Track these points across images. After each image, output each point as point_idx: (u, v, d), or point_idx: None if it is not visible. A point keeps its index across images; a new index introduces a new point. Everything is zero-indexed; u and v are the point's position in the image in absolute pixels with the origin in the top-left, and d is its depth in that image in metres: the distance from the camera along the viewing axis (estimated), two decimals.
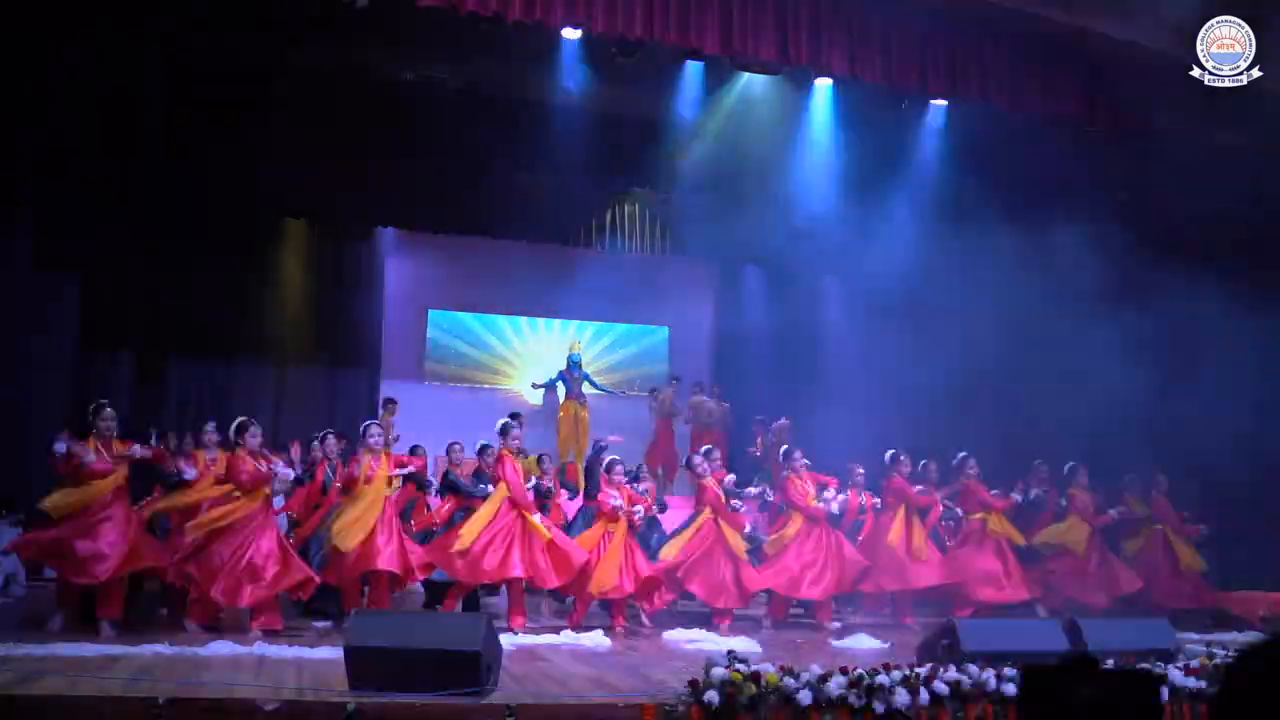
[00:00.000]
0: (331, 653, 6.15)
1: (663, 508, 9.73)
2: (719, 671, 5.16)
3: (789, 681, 5.21)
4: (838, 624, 8.97)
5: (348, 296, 13.56)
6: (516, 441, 8.37)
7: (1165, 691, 5.58)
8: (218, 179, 11.53)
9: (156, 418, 10.07)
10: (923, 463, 9.86)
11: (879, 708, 5.26)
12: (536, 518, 8.14)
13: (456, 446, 9.87)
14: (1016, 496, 9.90)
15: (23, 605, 8.79)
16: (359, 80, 11.35)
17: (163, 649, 6.41)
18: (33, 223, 11.04)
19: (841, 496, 9.27)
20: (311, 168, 11.80)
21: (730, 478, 9.31)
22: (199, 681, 5.43)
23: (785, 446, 10.08)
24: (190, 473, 7.82)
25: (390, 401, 12.04)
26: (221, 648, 6.52)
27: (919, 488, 9.64)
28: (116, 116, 10.57)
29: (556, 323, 14.82)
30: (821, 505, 9.04)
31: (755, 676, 5.16)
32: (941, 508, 9.84)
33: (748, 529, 9.32)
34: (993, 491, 9.84)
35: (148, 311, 11.81)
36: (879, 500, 9.54)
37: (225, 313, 12.20)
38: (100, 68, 10.16)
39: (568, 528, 9.14)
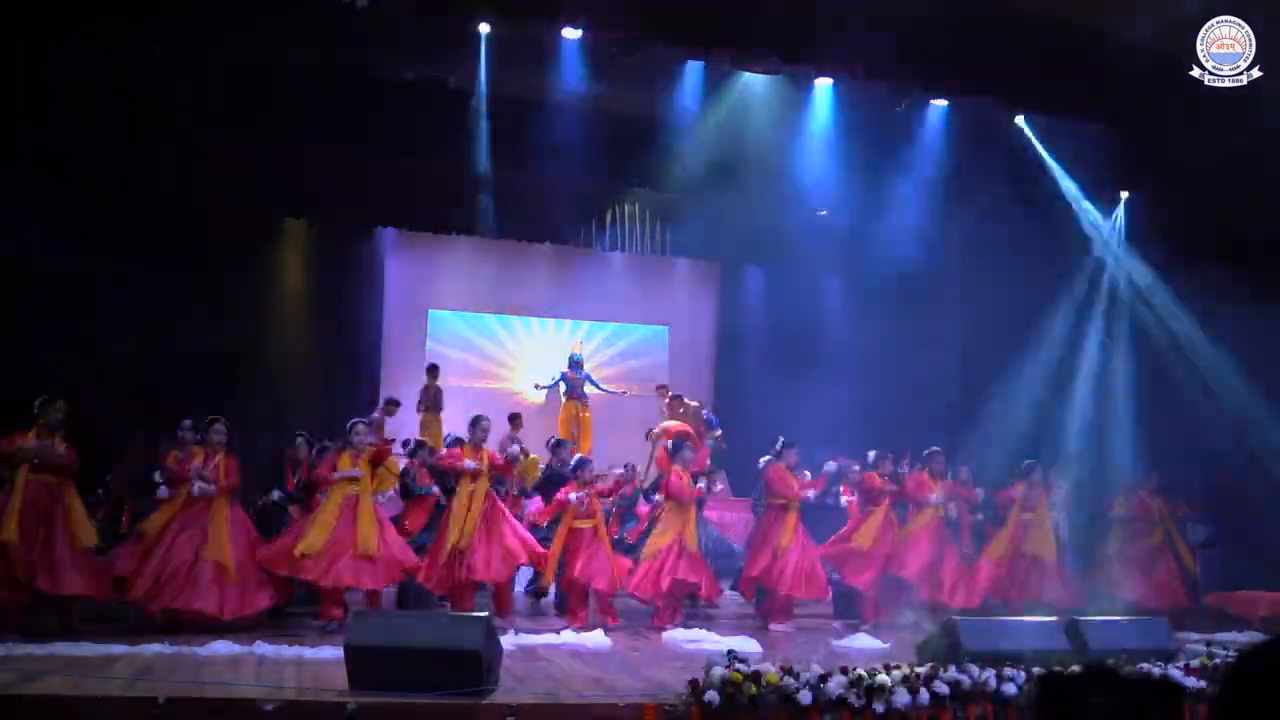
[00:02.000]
0: (331, 653, 6.15)
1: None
2: (719, 671, 5.16)
3: (789, 681, 5.21)
4: (838, 624, 8.99)
5: (348, 296, 13.55)
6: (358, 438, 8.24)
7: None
8: (218, 178, 11.52)
9: (155, 419, 10.05)
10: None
11: (878, 708, 5.27)
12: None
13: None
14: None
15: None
16: (359, 80, 11.35)
17: (163, 649, 6.42)
18: (34, 222, 11.02)
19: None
20: (311, 168, 11.80)
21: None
22: (199, 681, 5.43)
23: None
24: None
25: (392, 403, 12.07)
26: (221, 648, 6.51)
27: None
28: (116, 116, 10.56)
29: (556, 323, 14.81)
30: None
31: (755, 676, 5.16)
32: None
33: None
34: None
35: (148, 311, 11.78)
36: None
37: (225, 312, 12.19)
38: (100, 68, 10.16)
39: None
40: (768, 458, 9.35)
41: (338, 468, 7.91)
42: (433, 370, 12.85)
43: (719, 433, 12.63)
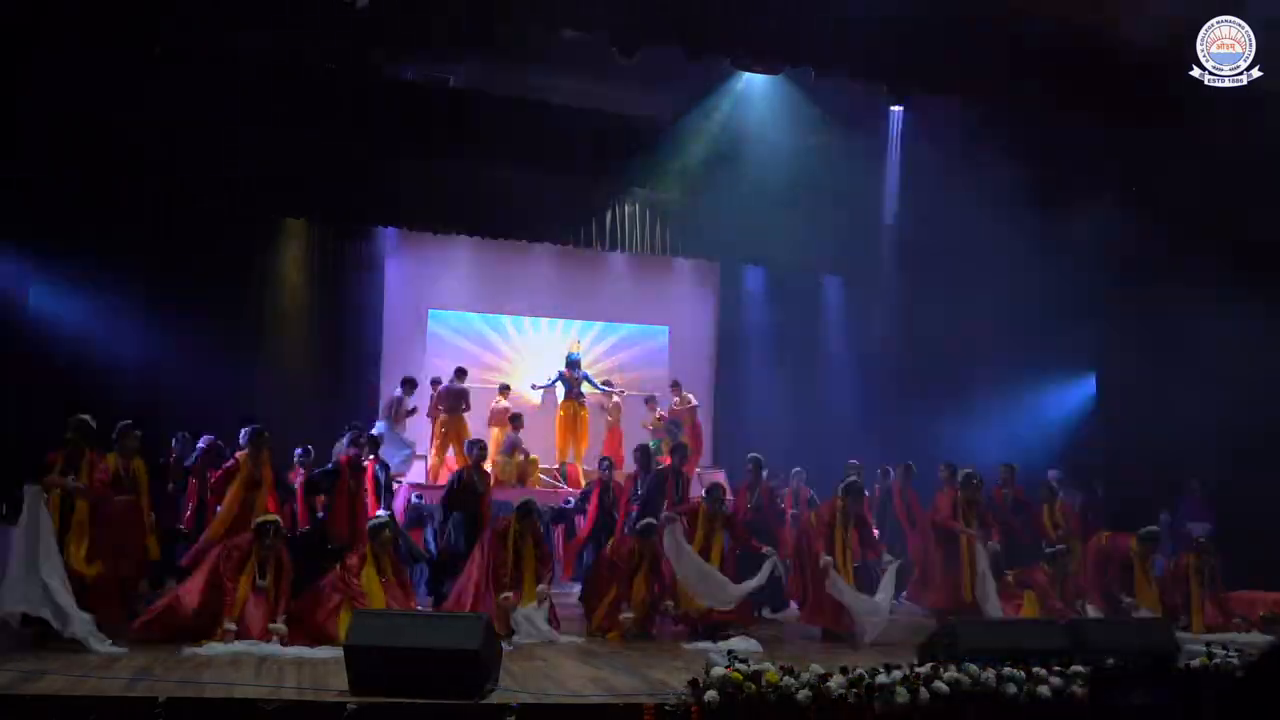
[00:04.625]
0: (331, 653, 6.15)
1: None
2: (719, 671, 5.16)
3: (789, 681, 5.21)
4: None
5: (348, 296, 13.55)
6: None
7: None
8: (218, 178, 11.52)
9: (155, 419, 10.04)
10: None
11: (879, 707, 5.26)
12: None
13: None
14: None
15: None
16: (359, 80, 11.34)
17: (163, 649, 6.42)
18: (35, 221, 11.03)
19: None
20: (311, 168, 11.78)
21: None
22: (199, 681, 5.43)
23: None
24: None
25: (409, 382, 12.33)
26: (221, 648, 6.51)
27: None
28: (116, 116, 10.56)
29: (557, 323, 14.80)
30: None
31: (755, 676, 5.16)
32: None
33: None
34: None
35: (148, 311, 11.78)
36: None
37: (225, 312, 12.19)
38: (100, 68, 10.16)
39: None
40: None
41: None
42: (504, 390, 13.11)
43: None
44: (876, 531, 9.55)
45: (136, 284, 11.57)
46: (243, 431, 8.63)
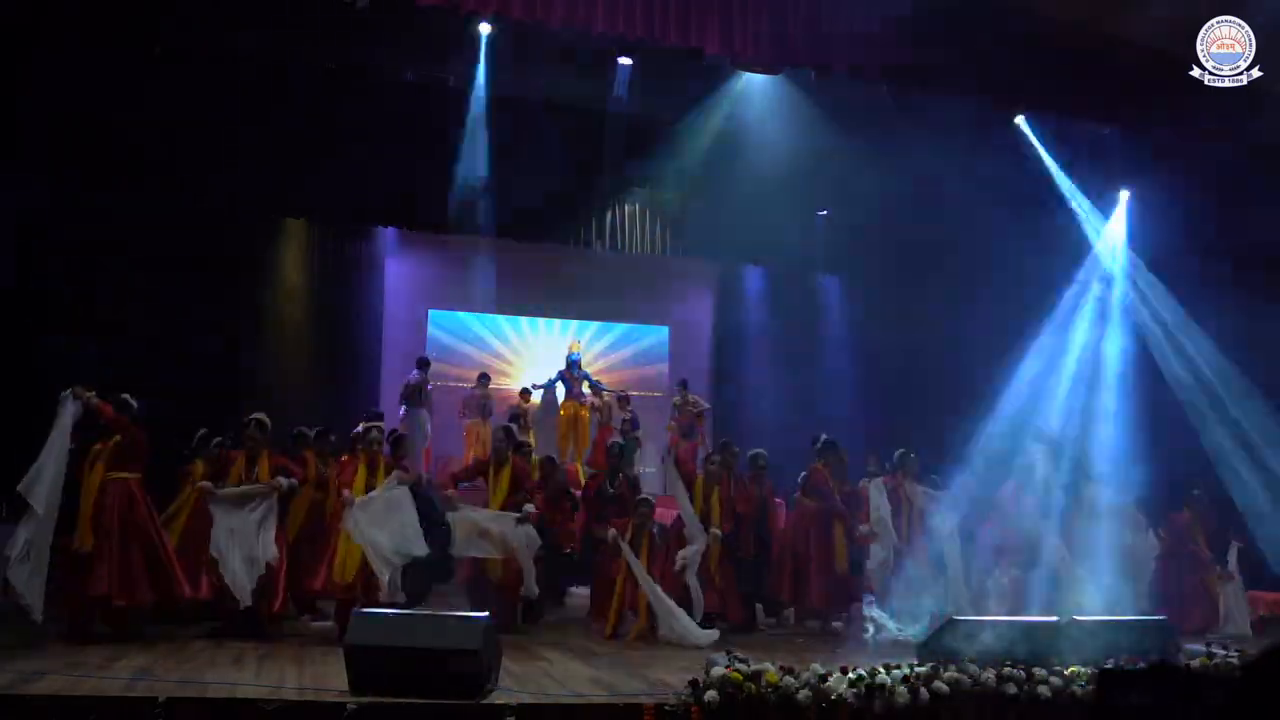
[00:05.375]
0: (331, 652, 6.15)
1: None
2: (719, 671, 5.16)
3: (789, 681, 5.21)
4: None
5: (348, 296, 13.55)
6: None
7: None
8: (218, 178, 11.52)
9: (155, 419, 10.04)
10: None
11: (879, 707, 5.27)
12: None
13: None
14: None
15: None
16: (359, 80, 11.34)
17: (163, 649, 6.42)
18: (34, 219, 11.03)
19: None
20: (311, 168, 11.78)
21: None
22: (199, 681, 5.43)
23: None
24: None
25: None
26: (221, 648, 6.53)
27: None
28: (116, 116, 10.56)
29: (556, 323, 14.82)
30: None
31: (755, 676, 5.16)
32: None
33: None
34: None
35: (147, 311, 11.78)
36: None
37: (225, 312, 12.19)
38: (103, 67, 10.16)
39: None
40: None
41: None
42: (524, 394, 13.17)
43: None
44: None
45: (136, 284, 11.56)
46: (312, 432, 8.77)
